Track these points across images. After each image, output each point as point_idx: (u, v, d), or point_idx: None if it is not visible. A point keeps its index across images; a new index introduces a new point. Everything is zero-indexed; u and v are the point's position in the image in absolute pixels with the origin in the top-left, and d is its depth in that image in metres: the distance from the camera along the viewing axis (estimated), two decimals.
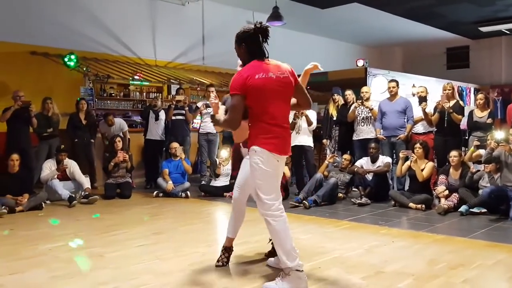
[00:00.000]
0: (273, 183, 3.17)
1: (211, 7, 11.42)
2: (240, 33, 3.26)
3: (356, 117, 7.47)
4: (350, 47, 15.50)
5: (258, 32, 3.24)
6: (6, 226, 5.22)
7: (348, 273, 3.46)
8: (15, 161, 6.30)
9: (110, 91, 9.72)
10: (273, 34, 3.02)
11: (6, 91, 7.94)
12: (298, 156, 7.33)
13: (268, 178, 3.12)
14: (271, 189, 3.14)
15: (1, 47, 8.30)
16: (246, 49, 3.25)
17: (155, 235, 4.76)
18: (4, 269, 3.57)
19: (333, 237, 4.68)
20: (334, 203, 6.55)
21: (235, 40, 3.29)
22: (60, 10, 8.99)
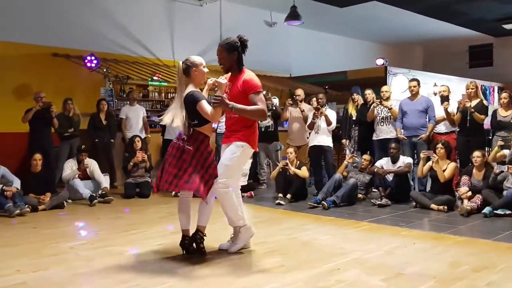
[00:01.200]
0: (240, 171, 4.22)
1: (229, 7, 11.46)
2: (232, 42, 3.84)
3: (375, 116, 7.41)
4: (369, 46, 15.39)
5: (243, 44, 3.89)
6: (29, 225, 5.33)
7: (368, 275, 3.44)
8: (37, 161, 6.43)
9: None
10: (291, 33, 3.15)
11: (28, 92, 8.11)
12: (317, 156, 7.31)
13: (238, 168, 4.01)
14: (235, 174, 4.01)
15: (23, 49, 8.48)
16: (237, 57, 3.85)
17: (173, 234, 4.78)
18: (27, 267, 3.64)
19: (352, 238, 4.65)
20: (353, 204, 6.51)
21: (225, 47, 3.83)
22: (81, 12, 9.14)
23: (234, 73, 3.89)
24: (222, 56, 3.87)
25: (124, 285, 3.24)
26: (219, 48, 3.87)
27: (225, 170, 3.84)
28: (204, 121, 3.77)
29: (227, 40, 3.85)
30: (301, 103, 7.66)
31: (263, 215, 5.95)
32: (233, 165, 3.87)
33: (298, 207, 6.34)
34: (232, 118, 3.90)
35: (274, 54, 12.45)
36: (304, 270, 3.53)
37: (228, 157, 3.86)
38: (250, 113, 3.78)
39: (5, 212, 5.73)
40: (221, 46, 3.86)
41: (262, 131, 8.09)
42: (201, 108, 3.68)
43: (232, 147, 3.86)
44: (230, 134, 3.95)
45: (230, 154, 3.86)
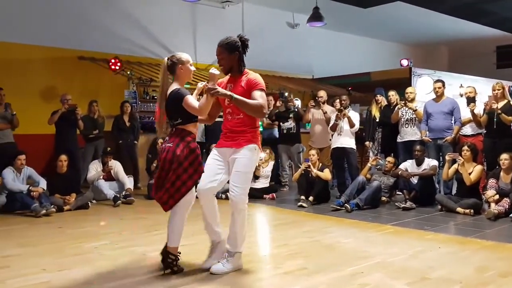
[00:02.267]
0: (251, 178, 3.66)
1: (251, 9, 11.48)
2: (232, 42, 3.61)
3: (400, 118, 7.33)
4: (393, 47, 15.22)
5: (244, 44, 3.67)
6: (54, 224, 5.43)
7: (392, 279, 3.39)
8: (63, 162, 6.55)
9: (152, 94, 9.92)
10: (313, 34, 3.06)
11: (54, 95, 8.29)
12: (340, 158, 7.26)
13: (251, 173, 3.58)
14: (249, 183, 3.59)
15: (50, 53, 8.67)
16: (238, 57, 3.61)
17: (195, 235, 4.79)
18: (52, 266, 3.71)
19: (376, 242, 4.60)
20: (377, 207, 6.44)
21: (225, 47, 3.60)
22: (105, 16, 9.30)
23: (235, 74, 3.63)
24: (222, 56, 3.62)
25: (147, 286, 3.27)
26: (219, 48, 3.63)
27: (245, 181, 3.49)
28: (188, 119, 3.51)
29: (227, 39, 3.63)
30: (324, 105, 7.62)
31: (285, 217, 5.94)
32: (251, 172, 3.58)
33: (321, 210, 6.30)
34: (237, 119, 3.58)
35: (296, 55, 12.42)
36: (327, 273, 3.51)
37: (245, 163, 3.48)
38: (250, 107, 3.44)
39: (31, 212, 5.86)
40: (221, 46, 3.62)
41: (284, 133, 8.09)
42: (188, 104, 3.40)
43: (246, 152, 3.50)
44: (235, 136, 3.57)
45: (246, 160, 3.49)
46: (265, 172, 7.51)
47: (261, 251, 4.47)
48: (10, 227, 5.28)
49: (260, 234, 5.45)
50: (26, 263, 3.82)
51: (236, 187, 3.43)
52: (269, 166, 7.56)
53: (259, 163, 7.52)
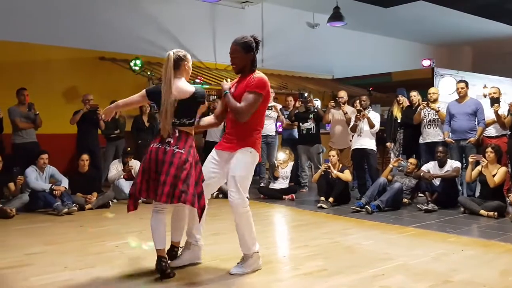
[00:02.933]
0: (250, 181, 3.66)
1: (270, 9, 11.50)
2: (249, 42, 3.58)
3: (422, 119, 7.25)
4: (415, 47, 15.06)
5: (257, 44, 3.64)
6: (76, 223, 5.53)
7: (413, 281, 3.36)
8: (85, 161, 6.65)
9: None
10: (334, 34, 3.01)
11: (76, 95, 8.43)
12: (360, 159, 7.22)
13: (250, 177, 3.59)
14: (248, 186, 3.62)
15: (72, 53, 8.82)
16: (252, 58, 3.57)
17: (214, 235, 4.85)
18: (74, 264, 3.78)
19: (397, 244, 4.56)
20: (398, 208, 6.39)
21: (242, 46, 3.57)
22: (126, 17, 9.42)
23: (245, 74, 3.57)
24: (237, 55, 3.57)
25: (167, 285, 3.30)
26: (235, 46, 3.58)
27: (241, 184, 3.49)
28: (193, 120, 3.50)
29: (244, 39, 3.58)
30: (344, 105, 7.59)
31: (304, 219, 5.93)
32: (247, 176, 3.55)
33: (341, 211, 6.27)
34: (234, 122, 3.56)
35: (316, 55, 12.39)
36: (347, 274, 3.49)
37: (239, 167, 3.48)
38: (231, 108, 3.47)
39: (54, 211, 5.96)
40: (237, 45, 3.57)
41: (304, 133, 8.07)
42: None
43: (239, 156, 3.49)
44: (232, 139, 3.55)
45: (241, 164, 3.48)
46: (284, 172, 7.51)
47: (280, 252, 4.47)
48: (33, 226, 5.38)
49: (279, 235, 5.46)
50: (49, 261, 3.89)
51: (233, 192, 3.46)
52: (289, 167, 7.55)
53: (277, 164, 7.54)
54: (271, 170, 8.17)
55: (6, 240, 4.68)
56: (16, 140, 7.04)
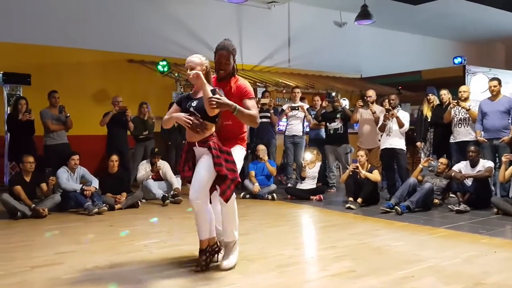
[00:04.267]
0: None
1: (297, 9, 11.48)
2: (234, 47, 3.71)
3: (452, 118, 7.10)
4: (445, 44, 14.77)
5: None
6: (106, 223, 5.62)
7: (444, 284, 3.29)
8: (114, 162, 6.76)
9: None
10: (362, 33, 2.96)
11: (106, 97, 8.60)
12: (389, 160, 7.11)
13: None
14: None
15: (101, 56, 9.01)
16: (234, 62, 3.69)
17: (242, 235, 4.81)
18: (104, 263, 3.84)
19: (427, 245, 4.48)
20: (429, 209, 6.27)
21: (232, 53, 3.65)
22: (154, 20, 9.56)
23: (228, 78, 3.65)
24: (227, 62, 3.60)
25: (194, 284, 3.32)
26: (226, 53, 3.60)
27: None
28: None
29: (231, 44, 3.66)
30: (373, 105, 7.49)
31: (332, 219, 5.88)
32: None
33: (370, 212, 6.20)
34: (225, 124, 3.59)
35: (344, 54, 12.30)
36: (376, 276, 3.44)
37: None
38: (247, 117, 3.50)
39: (84, 211, 6.08)
40: (229, 52, 3.61)
41: (331, 133, 8.02)
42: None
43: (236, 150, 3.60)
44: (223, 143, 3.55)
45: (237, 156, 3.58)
46: (311, 173, 7.47)
47: (308, 253, 4.45)
48: (65, 225, 5.50)
49: (307, 236, 5.44)
50: (80, 259, 3.96)
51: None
52: (316, 167, 7.51)
53: (304, 164, 7.50)
54: (298, 170, 8.14)
55: (38, 239, 4.80)
56: (48, 141, 7.22)
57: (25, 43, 8.43)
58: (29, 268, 3.68)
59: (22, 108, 7.12)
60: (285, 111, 8.32)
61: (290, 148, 8.29)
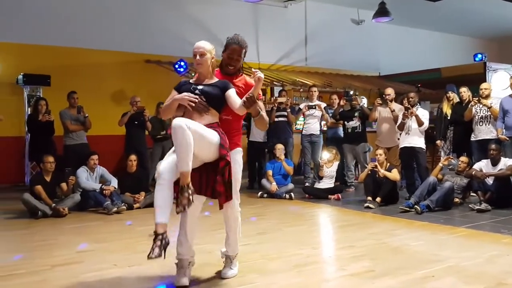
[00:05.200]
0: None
1: (314, 7, 11.44)
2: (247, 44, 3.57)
3: (473, 116, 7.00)
4: (466, 41, 14.57)
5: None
6: (125, 222, 5.66)
7: (465, 284, 3.25)
8: (133, 162, 6.82)
9: None
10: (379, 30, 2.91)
11: (124, 97, 8.70)
12: (409, 158, 7.04)
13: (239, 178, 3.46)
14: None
15: (119, 57, 9.11)
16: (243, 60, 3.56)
17: (260, 235, 4.86)
18: (123, 262, 3.88)
19: (447, 245, 4.42)
20: (449, 208, 6.18)
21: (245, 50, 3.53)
22: (170, 21, 9.63)
23: (234, 75, 3.50)
24: (239, 58, 3.47)
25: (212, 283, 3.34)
26: (239, 48, 3.45)
27: (237, 186, 3.43)
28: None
29: (245, 41, 3.52)
30: (391, 103, 7.43)
31: (350, 219, 5.84)
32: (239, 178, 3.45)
33: (389, 211, 6.14)
34: (224, 119, 3.35)
35: (362, 52, 12.21)
36: (395, 276, 3.42)
37: (237, 170, 3.38)
38: (263, 122, 3.35)
39: (104, 210, 6.15)
40: (242, 47, 3.47)
41: (349, 132, 7.97)
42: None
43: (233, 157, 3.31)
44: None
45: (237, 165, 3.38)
46: (329, 172, 7.43)
47: (325, 252, 4.44)
48: (85, 224, 5.57)
49: (325, 235, 5.42)
50: (99, 258, 4.02)
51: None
52: (334, 166, 7.47)
53: (322, 163, 7.47)
54: (316, 169, 8.11)
55: (59, 238, 4.87)
56: (67, 141, 7.33)
57: (45, 45, 8.57)
58: (49, 267, 3.74)
59: (42, 109, 7.24)
60: (302, 110, 8.30)
61: (307, 147, 8.27)
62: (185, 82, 3.43)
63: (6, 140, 8.04)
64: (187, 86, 3.31)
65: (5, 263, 3.91)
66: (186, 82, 3.42)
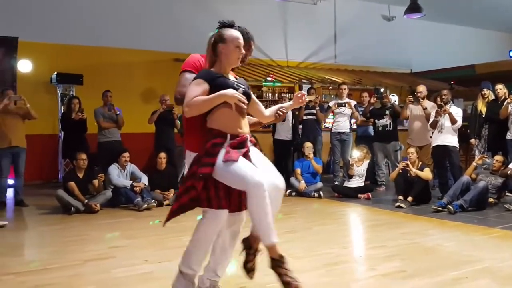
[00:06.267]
0: None
1: (344, 3, 11.35)
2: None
3: (509, 114, 6.82)
4: (501, 37, 14.18)
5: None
6: (155, 218, 5.75)
7: (500, 285, 3.18)
8: (162, 159, 6.92)
9: None
10: (411, 27, 2.83)
11: (153, 96, 8.82)
12: (441, 157, 6.90)
13: None
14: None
15: (148, 56, 9.24)
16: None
17: (288, 233, 4.85)
18: (153, 257, 3.94)
19: (482, 246, 4.33)
20: (483, 209, 6.04)
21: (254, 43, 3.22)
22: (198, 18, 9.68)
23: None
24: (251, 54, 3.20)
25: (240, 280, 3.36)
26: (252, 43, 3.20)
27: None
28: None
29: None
30: (423, 101, 7.31)
31: (381, 218, 5.78)
32: None
33: (420, 211, 6.04)
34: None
35: (393, 49, 12.04)
36: (427, 277, 3.36)
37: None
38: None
39: (134, 206, 6.26)
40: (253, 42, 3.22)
41: (380, 130, 7.88)
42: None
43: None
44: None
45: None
46: (359, 171, 7.36)
47: (356, 252, 4.40)
48: (116, 220, 5.68)
49: (355, 235, 5.38)
50: (130, 254, 4.09)
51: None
52: (364, 165, 7.40)
53: (352, 162, 7.40)
54: (345, 168, 8.04)
55: (91, 233, 4.97)
56: (101, 139, 7.49)
57: (78, 45, 8.76)
58: (82, 262, 3.83)
59: (75, 107, 7.42)
60: (332, 108, 8.24)
61: (336, 145, 8.21)
62: (215, 74, 2.83)
63: (40, 138, 8.26)
64: (225, 81, 2.78)
65: (38, 258, 4.03)
66: (216, 74, 2.83)
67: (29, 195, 6.81)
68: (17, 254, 4.20)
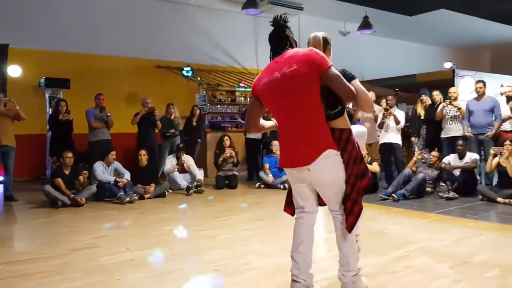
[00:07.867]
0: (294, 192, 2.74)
1: (307, 20, 11.41)
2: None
3: (444, 116, 7.05)
4: (437, 50, 14.59)
5: (274, 28, 2.69)
6: (137, 210, 5.67)
7: (436, 262, 3.28)
8: (143, 156, 6.79)
9: (219, 97, 10.16)
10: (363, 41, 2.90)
11: (136, 99, 8.67)
12: (387, 153, 7.08)
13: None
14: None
15: (133, 62, 9.08)
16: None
17: (258, 221, 4.86)
18: (135, 246, 3.88)
19: (421, 228, 4.45)
20: (422, 197, 6.22)
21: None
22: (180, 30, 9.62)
23: None
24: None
25: (214, 264, 3.35)
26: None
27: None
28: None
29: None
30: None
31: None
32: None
33: (370, 199, 6.15)
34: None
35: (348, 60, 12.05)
36: (375, 256, 3.43)
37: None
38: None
39: (117, 200, 6.12)
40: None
41: None
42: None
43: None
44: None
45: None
46: None
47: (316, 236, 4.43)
48: (101, 213, 5.54)
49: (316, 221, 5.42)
50: (114, 243, 4.00)
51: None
52: None
53: None
54: None
55: (79, 225, 4.84)
56: (91, 138, 7.26)
57: (65, 51, 8.52)
58: (70, 251, 3.73)
59: (62, 109, 7.20)
60: None
61: None
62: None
63: (29, 137, 7.99)
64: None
65: (28, 249, 3.90)
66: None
67: (19, 191, 6.58)
68: (6, 246, 4.03)
